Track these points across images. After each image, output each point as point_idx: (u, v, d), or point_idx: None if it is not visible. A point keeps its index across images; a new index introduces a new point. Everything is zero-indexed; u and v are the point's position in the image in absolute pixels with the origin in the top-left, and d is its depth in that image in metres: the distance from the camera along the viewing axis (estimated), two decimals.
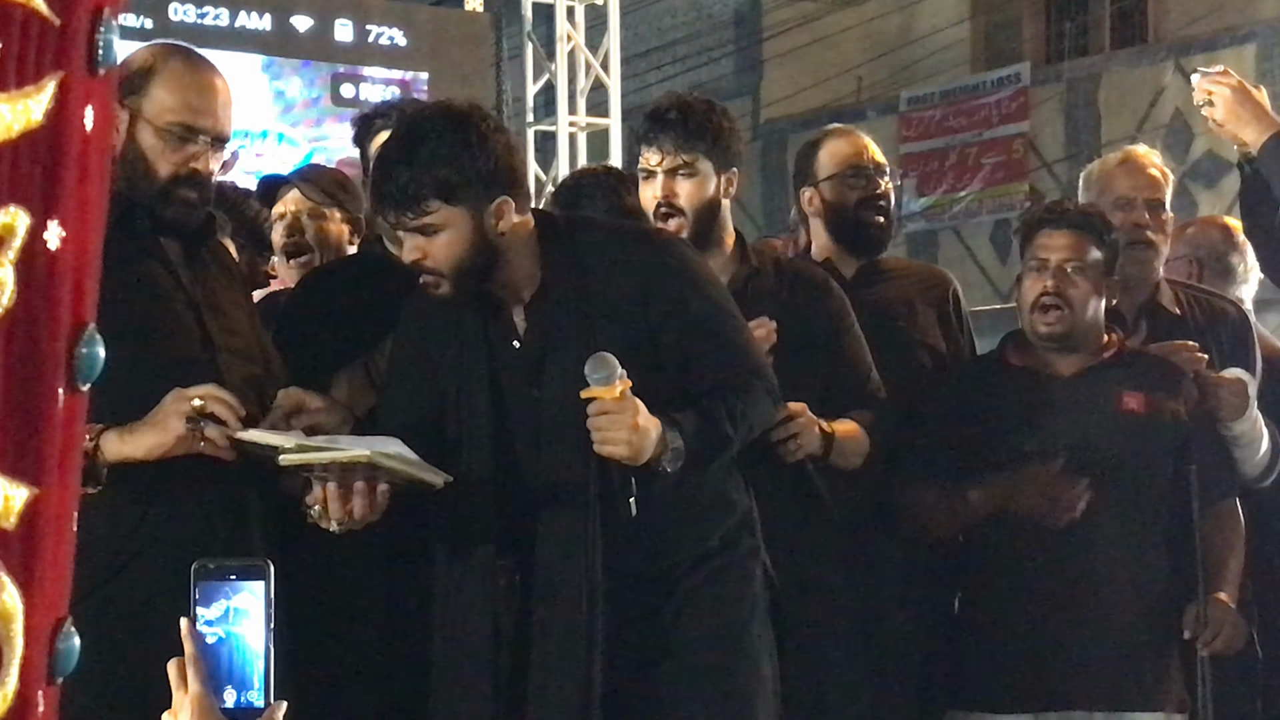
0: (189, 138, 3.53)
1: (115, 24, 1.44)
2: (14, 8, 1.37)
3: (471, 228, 3.62)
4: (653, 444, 3.55)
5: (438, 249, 3.63)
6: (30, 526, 1.48)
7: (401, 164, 3.60)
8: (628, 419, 3.50)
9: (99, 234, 1.52)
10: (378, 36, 13.16)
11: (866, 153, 4.87)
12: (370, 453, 3.38)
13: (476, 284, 3.70)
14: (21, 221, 1.41)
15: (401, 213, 3.61)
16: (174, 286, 3.57)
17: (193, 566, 2.25)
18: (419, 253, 3.64)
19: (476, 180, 3.61)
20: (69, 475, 1.53)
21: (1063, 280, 4.49)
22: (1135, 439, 4.52)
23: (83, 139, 1.45)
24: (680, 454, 3.60)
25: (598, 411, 3.51)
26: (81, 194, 1.47)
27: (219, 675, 2.20)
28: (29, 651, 1.51)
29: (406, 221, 3.61)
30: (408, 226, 3.62)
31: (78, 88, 1.44)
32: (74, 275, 1.48)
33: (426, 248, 3.63)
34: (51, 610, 1.54)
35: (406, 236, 3.67)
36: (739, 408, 3.72)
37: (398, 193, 3.59)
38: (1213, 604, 4.49)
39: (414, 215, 3.60)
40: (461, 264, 3.64)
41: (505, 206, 3.66)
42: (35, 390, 1.47)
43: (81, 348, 1.50)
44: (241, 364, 3.61)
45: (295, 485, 3.60)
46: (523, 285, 3.76)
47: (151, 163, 3.52)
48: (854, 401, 4.34)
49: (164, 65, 3.56)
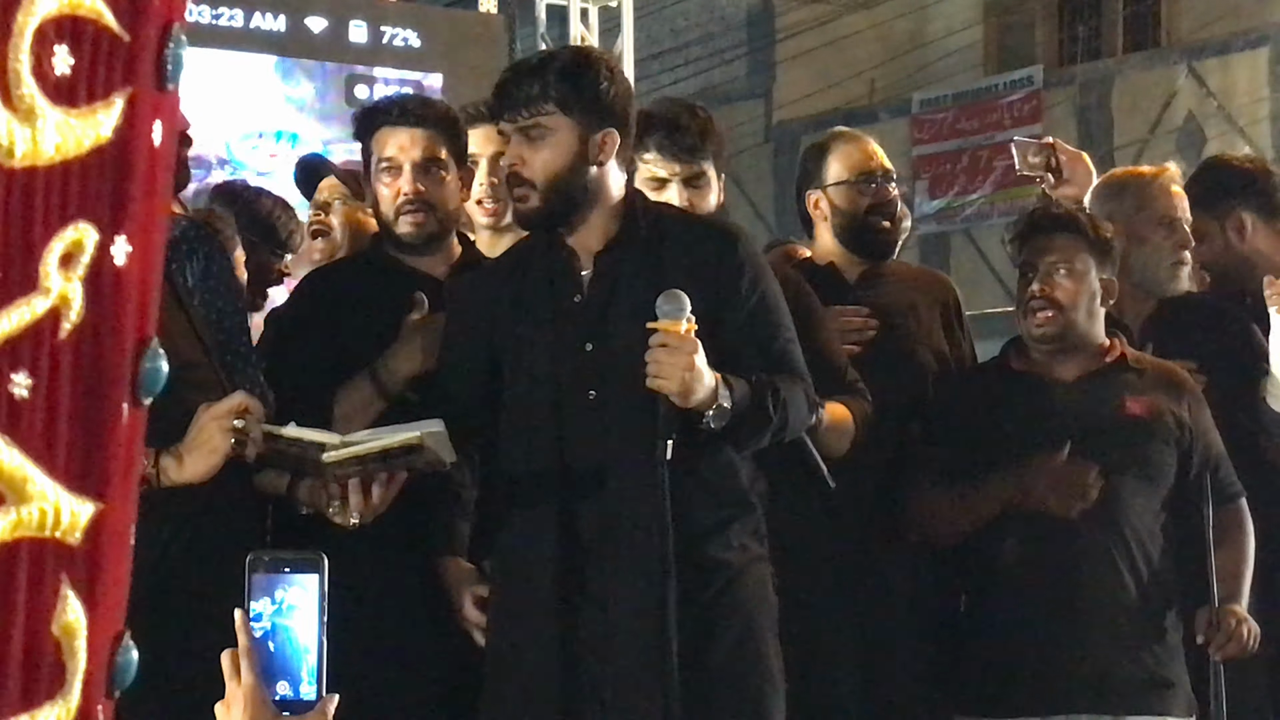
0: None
1: (184, 39, 1.43)
2: (85, 24, 1.37)
3: (575, 145, 3.76)
4: (704, 391, 3.57)
5: (538, 157, 3.75)
6: (95, 542, 1.49)
7: (531, 71, 3.79)
8: (686, 357, 3.53)
9: (162, 249, 1.52)
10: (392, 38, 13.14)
11: (876, 158, 4.88)
12: (420, 434, 3.40)
13: (561, 208, 3.78)
14: (90, 238, 1.41)
15: (516, 111, 3.75)
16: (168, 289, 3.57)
17: (247, 558, 2.26)
18: (518, 159, 3.76)
19: (594, 104, 3.77)
20: (130, 489, 1.54)
21: (1051, 283, 4.52)
22: (1138, 443, 4.52)
23: (150, 154, 1.45)
24: (725, 415, 3.63)
25: (659, 343, 3.54)
26: (148, 209, 1.47)
27: (271, 667, 2.21)
28: (91, 666, 1.51)
29: (520, 120, 3.74)
30: (518, 125, 3.75)
31: (146, 103, 1.44)
32: (139, 290, 1.48)
33: (527, 154, 3.76)
34: (112, 624, 1.54)
35: (513, 141, 3.77)
36: (783, 398, 3.75)
37: (518, 92, 3.75)
38: (1224, 608, 4.49)
39: (528, 115, 3.75)
40: (556, 178, 3.75)
41: (610, 139, 3.80)
42: (101, 405, 1.47)
43: (145, 362, 1.51)
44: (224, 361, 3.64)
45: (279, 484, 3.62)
46: (596, 237, 3.83)
47: None
48: (835, 391, 4.33)
49: None
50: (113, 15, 1.38)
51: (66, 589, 1.47)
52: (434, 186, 4.17)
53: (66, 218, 1.40)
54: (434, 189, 4.17)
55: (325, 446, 3.42)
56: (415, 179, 4.15)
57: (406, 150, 4.16)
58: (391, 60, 13.11)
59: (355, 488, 3.48)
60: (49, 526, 1.45)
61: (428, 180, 4.16)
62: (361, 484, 3.49)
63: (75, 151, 1.39)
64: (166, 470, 3.32)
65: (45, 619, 1.47)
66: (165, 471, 3.31)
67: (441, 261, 4.25)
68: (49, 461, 1.44)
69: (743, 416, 3.67)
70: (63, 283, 1.40)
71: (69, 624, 1.48)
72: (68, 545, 1.46)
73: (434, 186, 4.17)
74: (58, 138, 1.37)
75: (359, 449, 3.42)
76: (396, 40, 13.16)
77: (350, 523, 3.59)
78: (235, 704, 2.19)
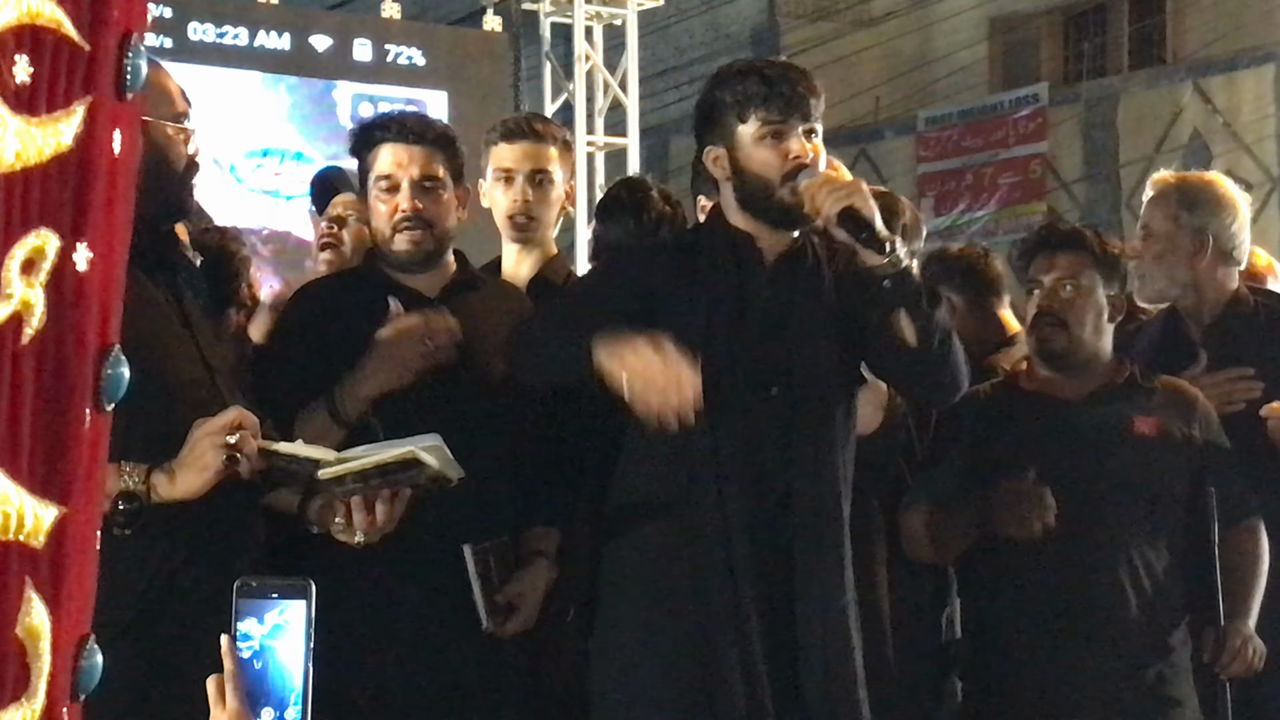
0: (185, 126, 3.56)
1: (143, 48, 1.45)
2: (45, 33, 1.38)
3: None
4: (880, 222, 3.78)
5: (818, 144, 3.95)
6: (58, 545, 1.49)
7: (806, 78, 3.96)
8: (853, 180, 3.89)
9: (124, 255, 1.53)
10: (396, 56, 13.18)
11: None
12: (414, 450, 3.40)
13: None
14: (51, 244, 1.43)
15: (806, 115, 3.93)
16: (172, 307, 3.57)
17: (235, 584, 2.25)
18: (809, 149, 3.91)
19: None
20: (94, 494, 1.55)
21: (1056, 300, 4.51)
22: (1148, 462, 4.51)
23: (110, 162, 1.46)
24: (898, 264, 3.78)
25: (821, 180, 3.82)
26: (109, 216, 1.48)
27: (257, 693, 2.20)
28: (55, 669, 1.52)
29: (808, 123, 3.93)
30: (808, 128, 3.92)
31: (106, 112, 1.45)
32: (101, 297, 1.49)
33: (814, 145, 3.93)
34: (76, 628, 1.55)
35: (804, 134, 3.92)
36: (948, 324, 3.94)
37: (805, 99, 3.92)
38: (1231, 628, 4.48)
39: (812, 119, 3.93)
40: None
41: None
42: (64, 411, 1.48)
43: (108, 369, 1.51)
44: (232, 384, 3.63)
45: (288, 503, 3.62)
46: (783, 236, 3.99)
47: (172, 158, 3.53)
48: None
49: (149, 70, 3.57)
50: (73, 25, 1.40)
51: (30, 591, 1.48)
52: (432, 204, 4.17)
53: (28, 224, 1.41)
54: (432, 206, 4.17)
55: (320, 463, 3.41)
56: (414, 196, 4.15)
57: (405, 167, 4.16)
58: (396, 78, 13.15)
59: (359, 505, 3.47)
60: (12, 529, 1.46)
61: (426, 198, 4.16)
62: (364, 501, 3.49)
63: (36, 159, 1.40)
64: (157, 487, 3.28)
65: (9, 621, 1.48)
66: (156, 488, 3.27)
67: (436, 279, 4.25)
68: (12, 465, 1.45)
69: (918, 293, 3.83)
70: (24, 289, 1.41)
71: (33, 626, 1.49)
72: (31, 548, 1.47)
73: (432, 204, 4.17)
74: (18, 145, 1.38)
75: (353, 465, 3.41)
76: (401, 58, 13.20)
77: (355, 541, 3.59)
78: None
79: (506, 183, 4.59)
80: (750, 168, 3.92)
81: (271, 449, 3.37)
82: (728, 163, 3.95)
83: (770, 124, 3.91)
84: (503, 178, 4.55)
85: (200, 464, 3.27)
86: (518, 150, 4.58)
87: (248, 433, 3.29)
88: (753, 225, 3.95)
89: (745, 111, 3.93)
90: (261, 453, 3.33)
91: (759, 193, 3.91)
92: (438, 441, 3.47)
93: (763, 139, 3.91)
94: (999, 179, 16.57)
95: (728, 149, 3.96)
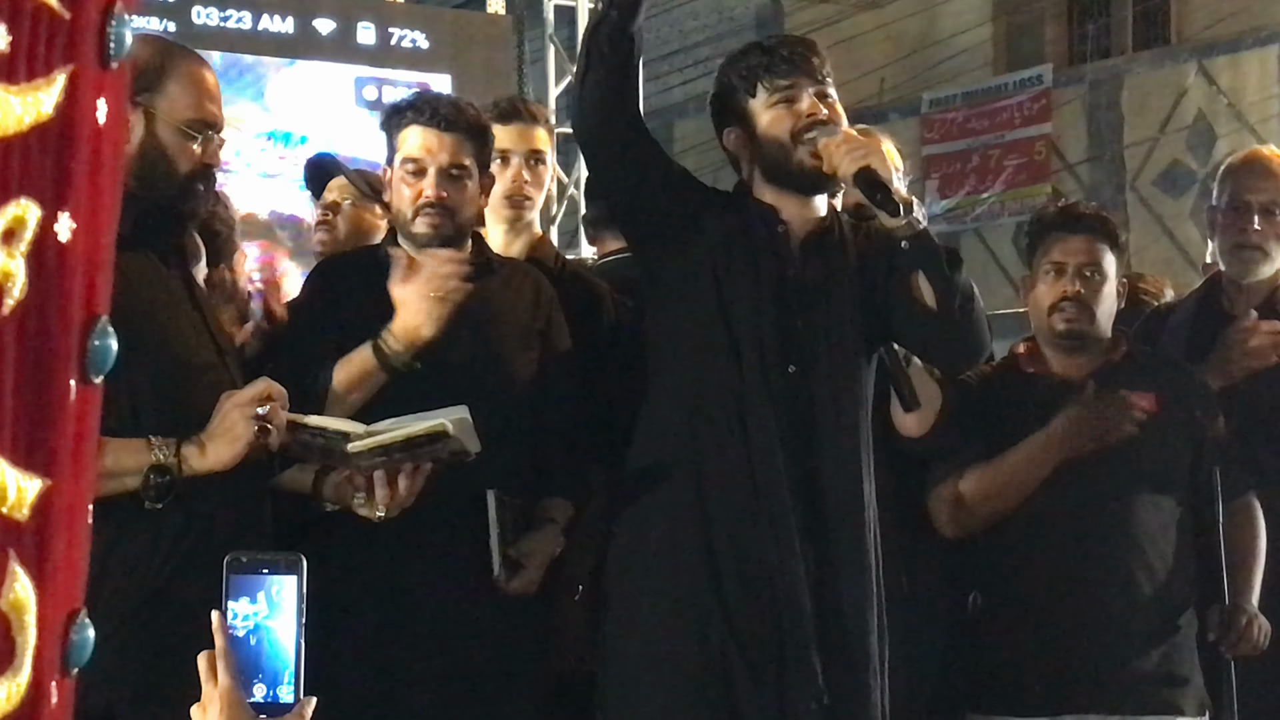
0: (209, 135, 3.55)
1: (126, 17, 1.44)
2: (24, 1, 1.37)
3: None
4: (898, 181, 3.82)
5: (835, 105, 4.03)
6: (43, 518, 1.48)
7: (806, 43, 4.12)
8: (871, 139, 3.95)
9: (112, 227, 1.52)
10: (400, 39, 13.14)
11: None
12: (444, 422, 3.39)
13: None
14: (32, 214, 1.42)
15: (813, 74, 4.00)
16: (184, 290, 3.58)
17: (225, 560, 2.26)
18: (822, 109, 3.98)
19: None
20: (82, 467, 1.54)
21: (1084, 284, 4.50)
22: (1148, 440, 4.50)
23: (94, 132, 1.45)
24: (915, 226, 3.82)
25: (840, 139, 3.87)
26: (93, 186, 1.47)
27: (249, 669, 2.21)
28: (42, 642, 1.51)
29: (819, 84, 4.01)
30: (819, 89, 4.00)
31: (89, 81, 1.44)
32: (85, 267, 1.48)
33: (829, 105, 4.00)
34: (65, 602, 1.54)
35: (816, 96, 4.00)
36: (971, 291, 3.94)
37: (808, 59, 4.01)
38: (1236, 606, 4.47)
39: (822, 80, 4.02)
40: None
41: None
42: (48, 382, 1.47)
43: (94, 340, 1.50)
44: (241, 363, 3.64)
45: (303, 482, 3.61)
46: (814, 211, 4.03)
47: (173, 159, 3.52)
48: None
49: (174, 63, 3.56)
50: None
51: (14, 564, 1.47)
52: (456, 192, 4.16)
53: (8, 194, 1.40)
54: (456, 195, 4.16)
55: (350, 436, 3.41)
56: (439, 184, 4.13)
57: (434, 153, 4.14)
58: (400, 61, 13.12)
59: (381, 480, 3.47)
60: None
61: (451, 186, 4.14)
62: (387, 476, 3.48)
63: (16, 128, 1.39)
64: (189, 459, 3.30)
65: None
66: (187, 460, 3.30)
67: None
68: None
69: (938, 254, 3.85)
70: (5, 259, 1.41)
71: (17, 600, 1.48)
72: (15, 521, 1.46)
73: (456, 192, 4.16)
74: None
75: (384, 438, 3.41)
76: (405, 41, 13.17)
77: (377, 516, 3.58)
78: (212, 706, 2.19)
79: (503, 163, 4.58)
80: (767, 135, 3.94)
81: (301, 421, 3.37)
82: (746, 139, 3.97)
83: (779, 90, 3.94)
84: (498, 158, 4.55)
85: (231, 435, 3.30)
86: (514, 131, 4.58)
87: (277, 404, 3.31)
88: (779, 198, 3.97)
89: (753, 85, 3.96)
90: (290, 426, 3.34)
91: (778, 157, 3.93)
92: (464, 414, 3.47)
93: (775, 105, 3.94)
94: (1004, 161, 16.54)
95: (743, 126, 3.97)
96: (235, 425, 3.30)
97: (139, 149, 3.47)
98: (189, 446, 3.31)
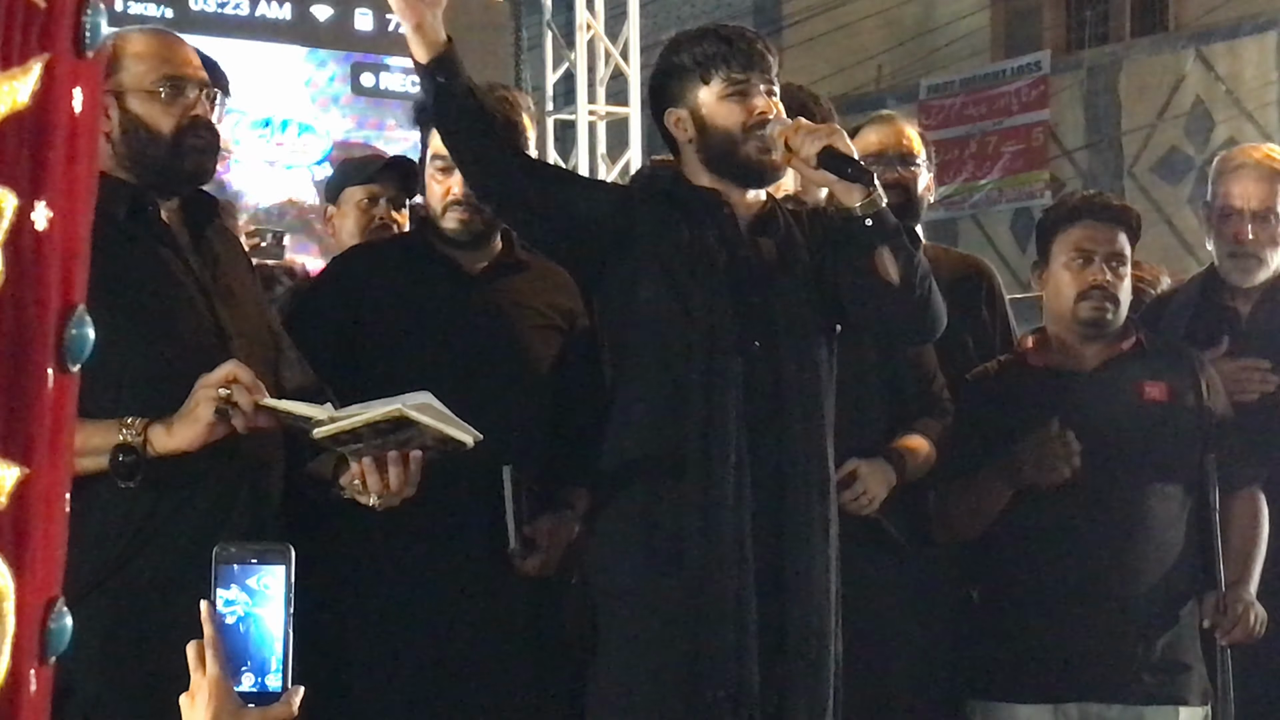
0: (179, 88, 3.56)
1: (102, 6, 1.44)
2: None
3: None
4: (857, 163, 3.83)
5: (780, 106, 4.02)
6: (21, 506, 1.49)
7: (761, 38, 4.09)
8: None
9: (88, 215, 1.52)
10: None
11: (892, 141, 4.87)
12: (400, 407, 3.40)
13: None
14: (9, 203, 1.42)
15: (765, 71, 4.00)
16: (185, 274, 3.58)
17: (214, 550, 2.26)
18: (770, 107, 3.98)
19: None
20: (60, 455, 1.54)
21: (1115, 274, 4.51)
22: (1159, 428, 4.51)
23: (70, 120, 1.45)
24: (878, 203, 3.82)
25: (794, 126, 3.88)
26: (70, 175, 1.47)
27: (237, 658, 2.21)
28: (20, 631, 1.51)
29: (770, 84, 4.01)
30: (769, 88, 4.01)
31: (65, 69, 1.44)
32: (62, 256, 1.48)
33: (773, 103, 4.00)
34: (43, 590, 1.54)
35: (764, 92, 4.00)
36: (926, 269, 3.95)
37: (764, 57, 4.01)
38: (1232, 593, 4.48)
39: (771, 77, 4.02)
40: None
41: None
42: (24, 371, 1.47)
43: (71, 328, 1.50)
44: (253, 348, 3.63)
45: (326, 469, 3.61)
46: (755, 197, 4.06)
47: (152, 124, 3.53)
48: (921, 408, 4.52)
49: (125, 42, 3.58)
50: None
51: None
52: None
53: None
54: None
55: (313, 420, 3.42)
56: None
57: None
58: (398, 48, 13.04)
59: (370, 467, 3.48)
60: None
61: None
62: (375, 463, 3.50)
63: None
64: (154, 440, 3.32)
65: None
66: (152, 441, 3.32)
67: (481, 257, 4.29)
68: None
69: (895, 229, 3.87)
70: None
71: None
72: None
73: None
74: None
75: (345, 424, 3.41)
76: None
77: (371, 503, 3.60)
78: (200, 694, 2.20)
79: None
80: (715, 125, 3.94)
81: (270, 405, 3.38)
82: (691, 124, 3.98)
83: (734, 83, 3.94)
84: None
85: (193, 416, 3.31)
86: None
87: (241, 386, 3.30)
88: (719, 185, 3.98)
89: (708, 72, 3.96)
90: (259, 409, 3.35)
91: (725, 147, 3.94)
92: (428, 399, 3.47)
93: (727, 96, 3.94)
94: (1002, 147, 16.53)
95: (690, 111, 3.98)
96: (197, 408, 3.32)
97: (120, 131, 3.51)
98: (156, 428, 3.33)
